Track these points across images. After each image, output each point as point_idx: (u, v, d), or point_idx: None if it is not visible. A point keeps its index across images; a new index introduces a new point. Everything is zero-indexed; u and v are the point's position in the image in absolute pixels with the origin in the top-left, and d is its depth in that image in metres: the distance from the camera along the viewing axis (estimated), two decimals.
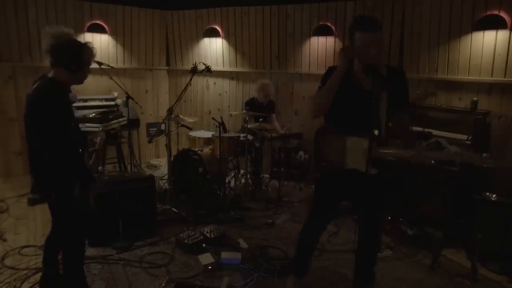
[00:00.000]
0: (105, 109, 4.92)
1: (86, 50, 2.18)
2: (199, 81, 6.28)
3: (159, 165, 5.96)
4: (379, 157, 2.22)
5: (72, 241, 2.29)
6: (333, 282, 2.87)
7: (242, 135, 4.57)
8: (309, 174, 5.18)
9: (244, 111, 4.54)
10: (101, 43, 5.62)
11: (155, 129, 4.91)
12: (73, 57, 2.10)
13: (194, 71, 4.18)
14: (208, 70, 4.21)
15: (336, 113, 2.37)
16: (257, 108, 4.98)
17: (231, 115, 5.62)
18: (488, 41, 3.83)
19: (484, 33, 3.85)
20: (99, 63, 4.36)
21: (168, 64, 6.43)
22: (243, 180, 4.85)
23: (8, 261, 3.00)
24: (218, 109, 6.16)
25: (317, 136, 2.43)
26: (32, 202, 4.13)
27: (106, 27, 5.62)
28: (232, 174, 4.90)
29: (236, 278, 2.88)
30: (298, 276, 2.70)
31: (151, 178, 3.67)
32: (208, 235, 3.37)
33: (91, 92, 5.42)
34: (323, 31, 5.12)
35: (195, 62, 4.20)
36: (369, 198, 2.39)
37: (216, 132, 4.44)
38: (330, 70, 2.36)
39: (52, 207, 2.24)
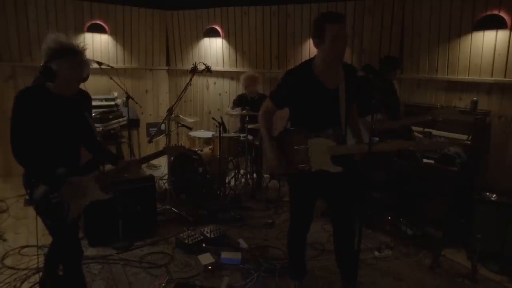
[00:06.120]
0: (105, 109, 4.91)
1: (61, 63, 2.05)
2: (199, 81, 6.28)
3: (159, 165, 5.96)
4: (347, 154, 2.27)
5: (61, 243, 2.29)
6: (333, 282, 2.86)
7: (242, 135, 4.57)
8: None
9: (244, 111, 4.53)
10: (101, 43, 5.62)
11: (155, 129, 4.92)
12: (45, 65, 2.06)
13: (194, 71, 4.17)
14: (208, 70, 4.20)
15: (300, 113, 2.37)
16: (249, 103, 4.86)
17: (231, 115, 5.62)
18: (488, 41, 3.83)
19: (484, 33, 3.84)
20: (99, 63, 4.36)
21: (168, 64, 6.43)
22: (243, 180, 4.85)
23: (8, 261, 3.01)
24: (218, 109, 6.15)
25: (281, 137, 2.43)
26: (28, 203, 4.13)
27: (106, 27, 5.62)
28: (232, 174, 4.89)
29: (236, 278, 2.88)
30: (299, 279, 2.68)
31: (151, 178, 3.67)
32: (208, 235, 3.37)
33: (91, 92, 5.31)
34: None
35: (195, 62, 4.19)
36: (339, 196, 2.40)
37: (216, 132, 4.44)
38: (289, 76, 2.33)
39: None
